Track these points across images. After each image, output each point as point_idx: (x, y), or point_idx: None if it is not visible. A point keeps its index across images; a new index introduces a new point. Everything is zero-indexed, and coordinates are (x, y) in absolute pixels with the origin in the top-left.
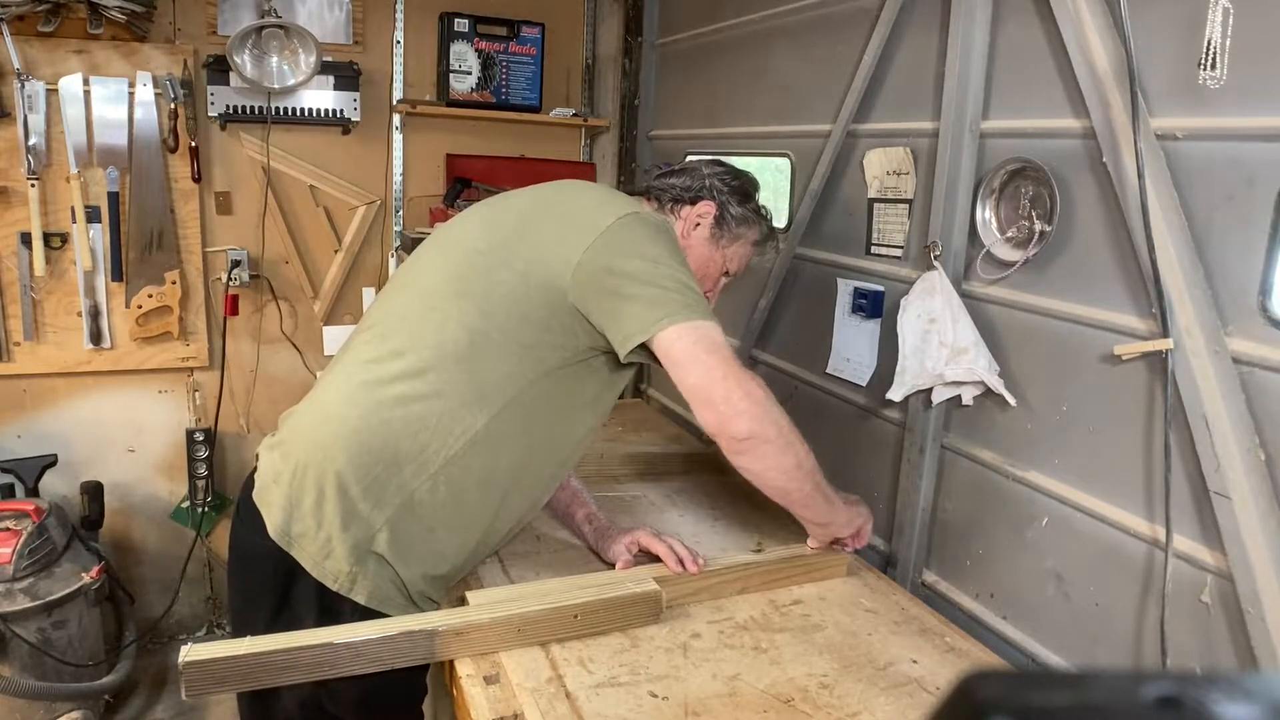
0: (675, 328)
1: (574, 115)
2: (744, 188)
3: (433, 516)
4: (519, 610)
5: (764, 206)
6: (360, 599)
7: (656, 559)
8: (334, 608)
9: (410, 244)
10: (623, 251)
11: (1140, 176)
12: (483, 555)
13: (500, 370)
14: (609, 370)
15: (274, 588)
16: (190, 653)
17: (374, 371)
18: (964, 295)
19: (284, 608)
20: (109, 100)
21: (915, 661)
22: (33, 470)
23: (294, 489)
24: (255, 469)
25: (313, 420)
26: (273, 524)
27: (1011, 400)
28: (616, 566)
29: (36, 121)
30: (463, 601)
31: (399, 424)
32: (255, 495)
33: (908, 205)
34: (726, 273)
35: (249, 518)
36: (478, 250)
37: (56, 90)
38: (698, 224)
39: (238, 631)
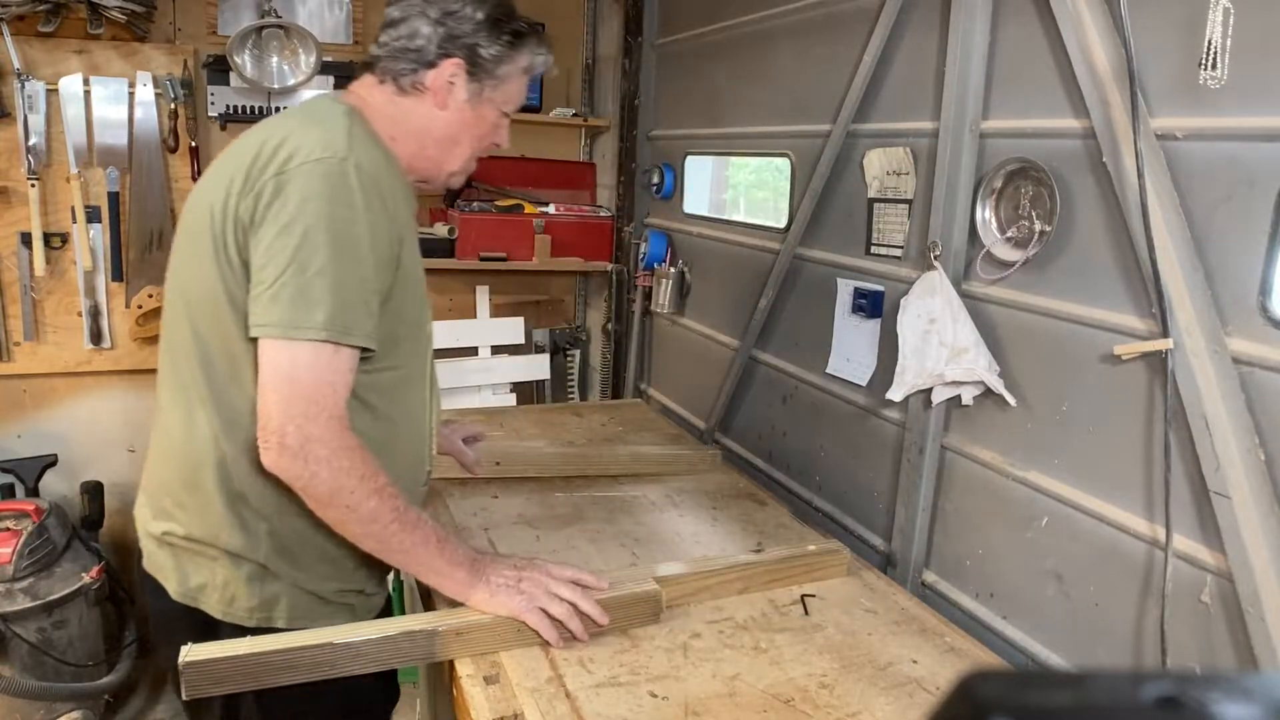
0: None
1: (574, 115)
2: (491, 15)
3: (304, 506)
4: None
5: (520, 21)
6: (281, 624)
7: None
8: None
9: None
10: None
11: (1140, 176)
12: None
13: None
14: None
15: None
16: (190, 653)
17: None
18: (964, 295)
19: None
20: (109, 100)
21: (915, 661)
22: (33, 470)
23: (175, 544)
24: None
25: (159, 460)
26: (172, 587)
27: (1011, 400)
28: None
29: (36, 121)
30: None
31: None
32: (146, 564)
33: (908, 205)
34: (506, 113)
35: (149, 584)
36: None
37: (56, 90)
38: (450, 87)
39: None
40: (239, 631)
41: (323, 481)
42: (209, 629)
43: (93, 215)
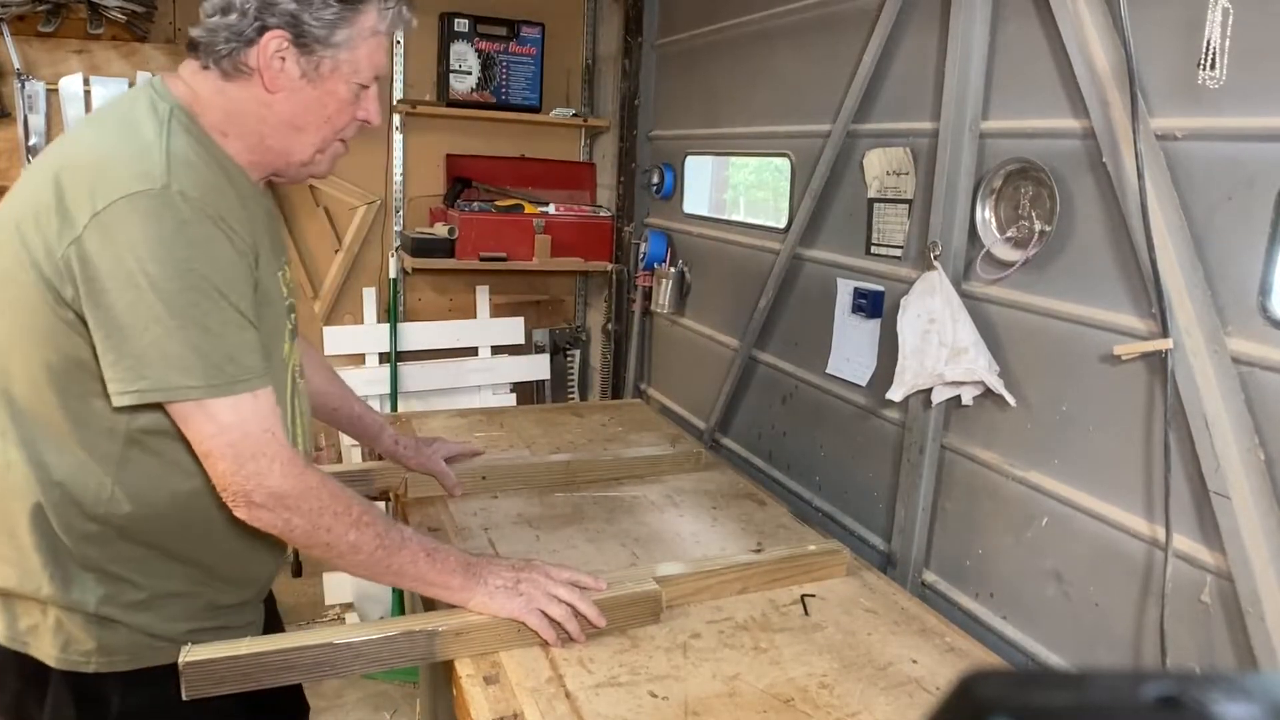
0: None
1: (574, 115)
2: None
3: (137, 533)
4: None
5: None
6: (124, 668)
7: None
8: (97, 692)
9: (410, 244)
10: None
11: (1140, 176)
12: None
13: None
14: None
15: (24, 694)
16: (190, 653)
17: None
18: (964, 295)
19: (41, 711)
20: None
21: (915, 661)
22: None
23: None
24: None
25: None
26: None
27: (1011, 400)
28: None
29: (37, 121)
30: None
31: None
32: None
33: (908, 205)
34: (365, 85)
35: None
36: None
37: (57, 90)
38: (279, 64)
39: None
40: (75, 679)
41: (298, 528)
42: (40, 677)
43: None
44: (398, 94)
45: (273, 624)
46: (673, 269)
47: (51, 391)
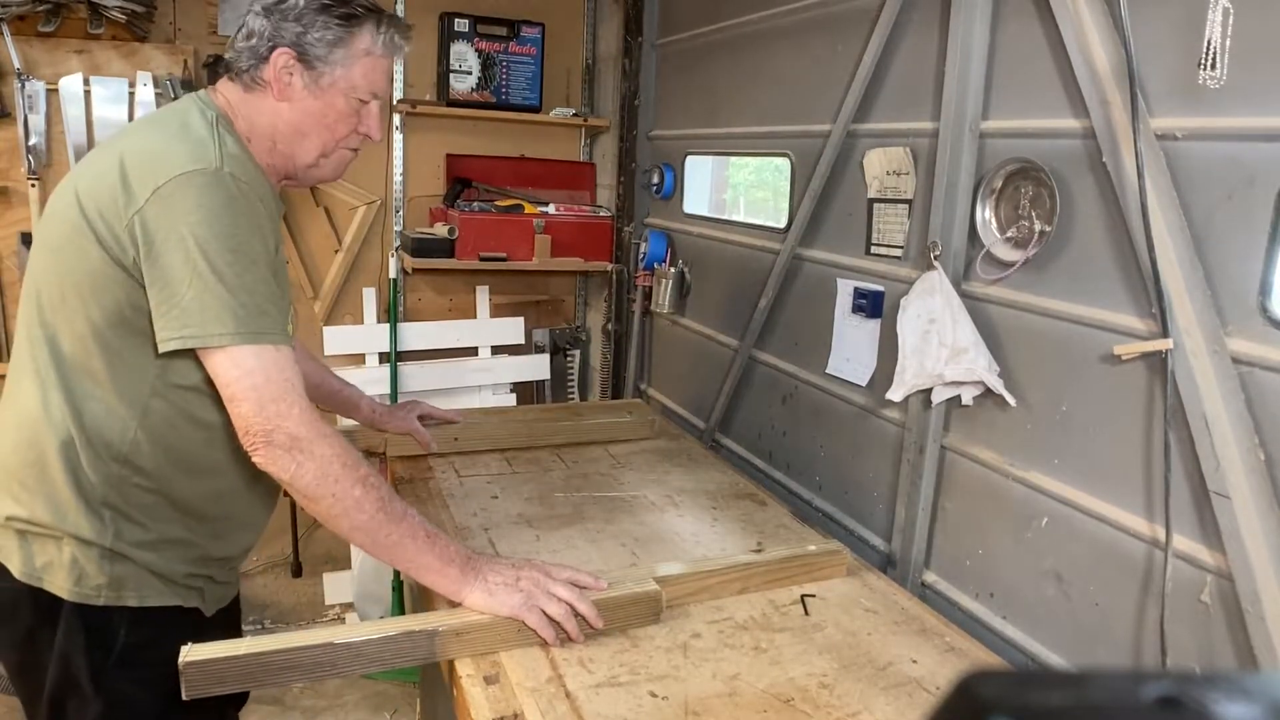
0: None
1: (574, 115)
2: (316, 1)
3: (151, 478)
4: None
5: (356, 3)
6: (132, 602)
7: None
8: (106, 624)
9: (410, 244)
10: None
11: (1140, 176)
12: (252, 505)
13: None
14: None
15: (36, 628)
16: (190, 652)
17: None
18: (964, 295)
19: (50, 644)
20: (109, 100)
21: (915, 661)
22: None
23: (19, 528)
24: None
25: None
26: (15, 566)
27: (1011, 400)
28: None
29: (37, 121)
30: None
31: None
32: None
33: (908, 205)
34: (364, 100)
35: None
36: None
37: (57, 90)
38: (286, 78)
39: (19, 687)
40: (86, 611)
41: (308, 471)
42: (52, 611)
43: None
44: (398, 94)
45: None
46: (673, 269)
47: (95, 343)
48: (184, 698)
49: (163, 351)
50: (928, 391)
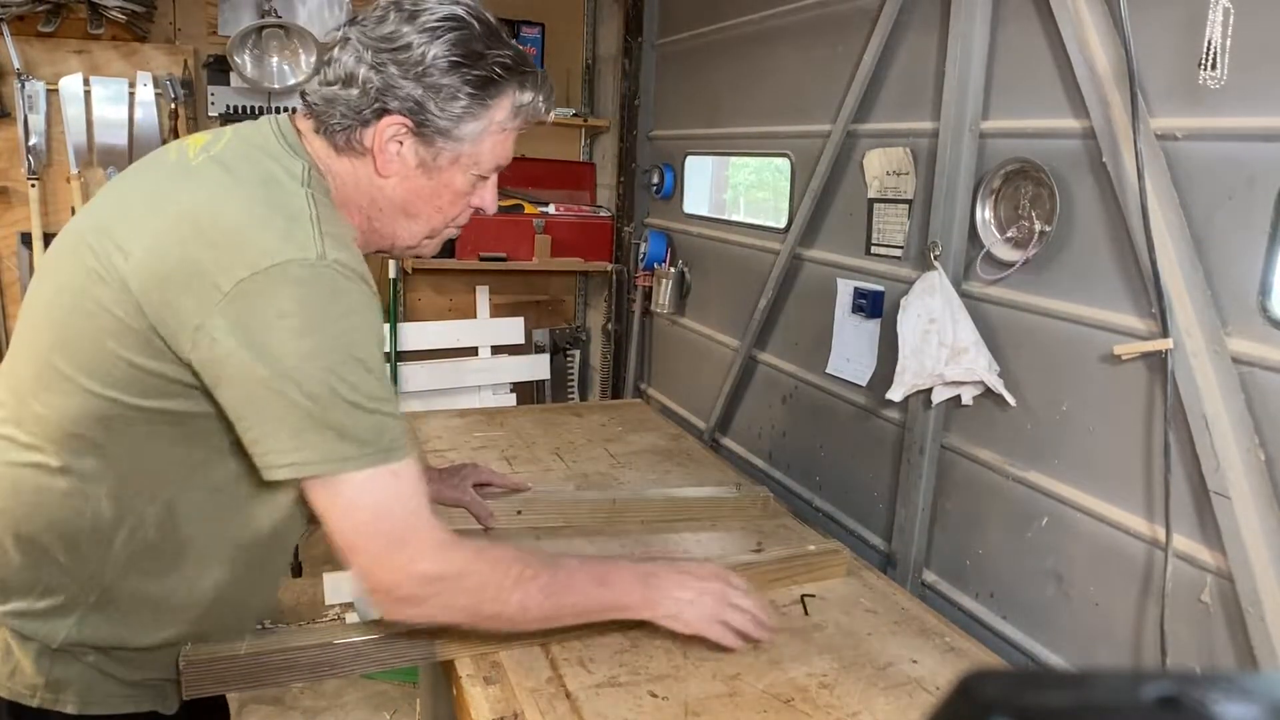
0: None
1: (574, 115)
2: (450, 55)
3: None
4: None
5: (497, 59)
6: (71, 709)
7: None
8: None
9: None
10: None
11: (1140, 176)
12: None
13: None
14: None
15: None
16: (190, 653)
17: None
18: (964, 295)
19: None
20: (109, 100)
21: (915, 661)
22: None
23: None
24: None
25: None
26: None
27: (1011, 400)
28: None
29: (37, 121)
30: None
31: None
32: None
33: (908, 205)
34: (484, 175)
35: None
36: None
37: (57, 90)
38: (395, 149)
39: None
40: (19, 709)
41: (461, 609)
42: None
43: None
44: None
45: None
46: (673, 269)
47: (93, 418)
48: (184, 697)
49: (269, 480)
50: (928, 391)
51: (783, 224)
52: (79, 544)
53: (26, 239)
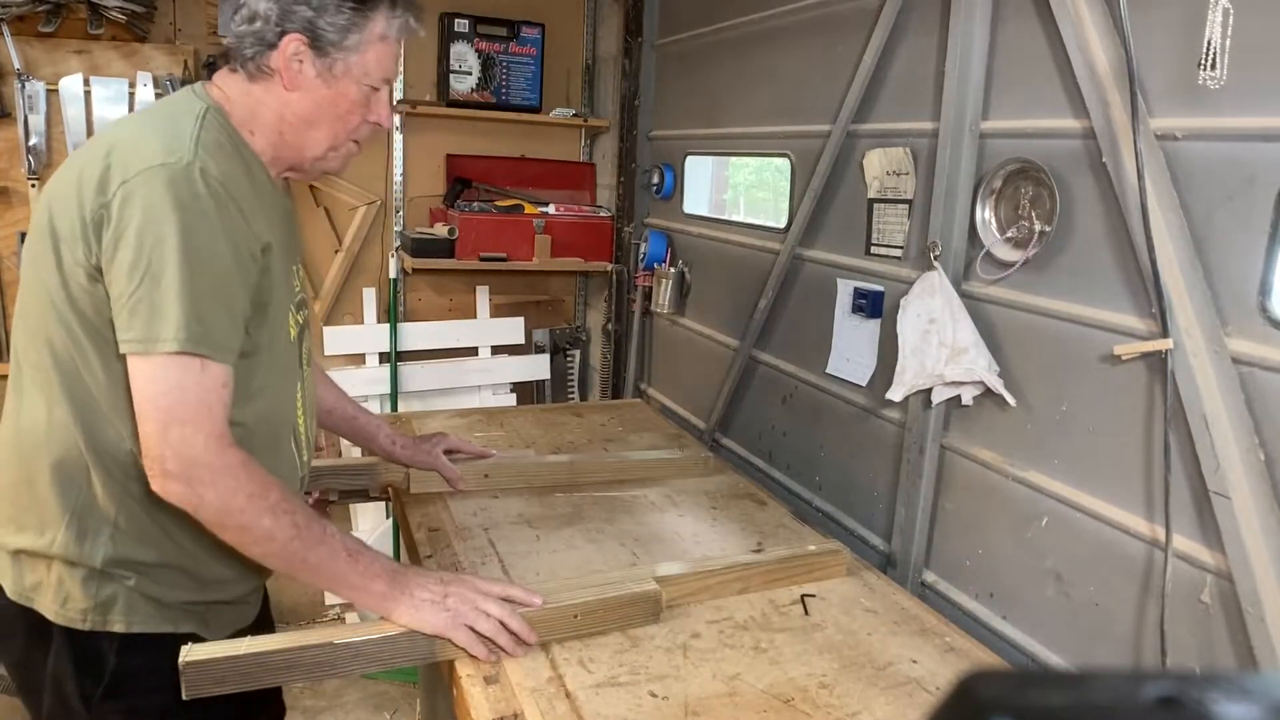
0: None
1: (574, 115)
2: None
3: (147, 496)
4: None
5: None
6: (118, 628)
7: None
8: (94, 650)
9: (410, 244)
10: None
11: (1140, 176)
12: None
13: None
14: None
15: (31, 649)
16: (190, 653)
17: None
18: (964, 295)
19: (44, 666)
20: (109, 100)
21: (915, 661)
22: None
23: (9, 549)
24: None
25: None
26: (7, 585)
27: (1011, 400)
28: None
29: (37, 122)
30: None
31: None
32: None
33: (908, 205)
34: (376, 87)
35: None
36: None
37: (57, 90)
38: (297, 65)
39: (25, 704)
40: (73, 636)
41: (210, 504)
42: (44, 633)
43: None
44: (398, 94)
45: (264, 621)
46: (673, 269)
47: (88, 351)
48: (184, 697)
49: (121, 354)
50: (928, 391)
51: (783, 224)
52: (89, 469)
53: (26, 239)
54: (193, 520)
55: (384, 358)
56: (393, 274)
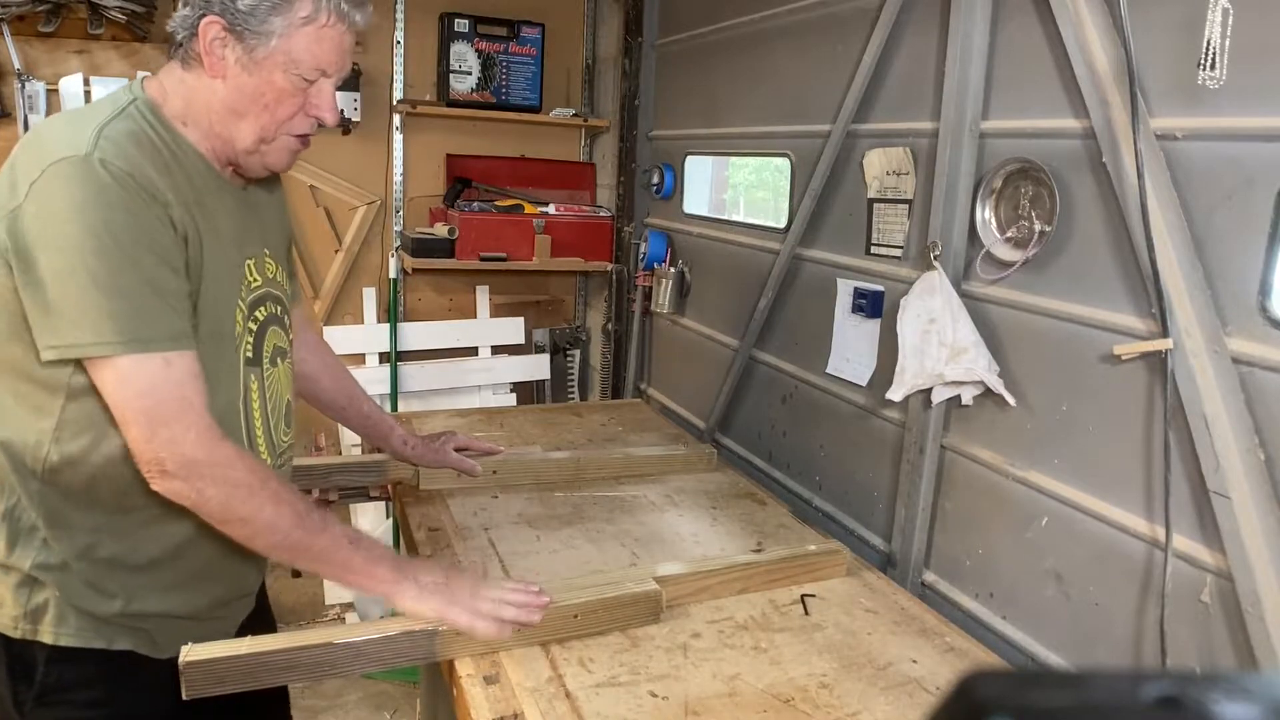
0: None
1: (574, 115)
2: None
3: (73, 495)
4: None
5: None
6: (46, 639)
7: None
8: (27, 657)
9: (410, 244)
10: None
11: (1140, 176)
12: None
13: None
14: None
15: None
16: (190, 653)
17: None
18: (964, 295)
19: None
20: None
21: (915, 661)
22: None
23: None
24: None
25: None
26: None
27: (1011, 400)
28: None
29: (37, 122)
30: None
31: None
32: None
33: (908, 205)
34: (309, 79)
35: None
36: None
37: (57, 90)
38: (220, 51)
39: None
40: (7, 641)
41: (211, 499)
42: None
43: None
44: (398, 94)
45: (265, 622)
46: (673, 269)
47: (17, 345)
48: (184, 697)
49: (45, 361)
50: (928, 391)
51: (783, 224)
52: (14, 468)
53: None
54: (119, 515)
55: (384, 358)
56: (393, 274)
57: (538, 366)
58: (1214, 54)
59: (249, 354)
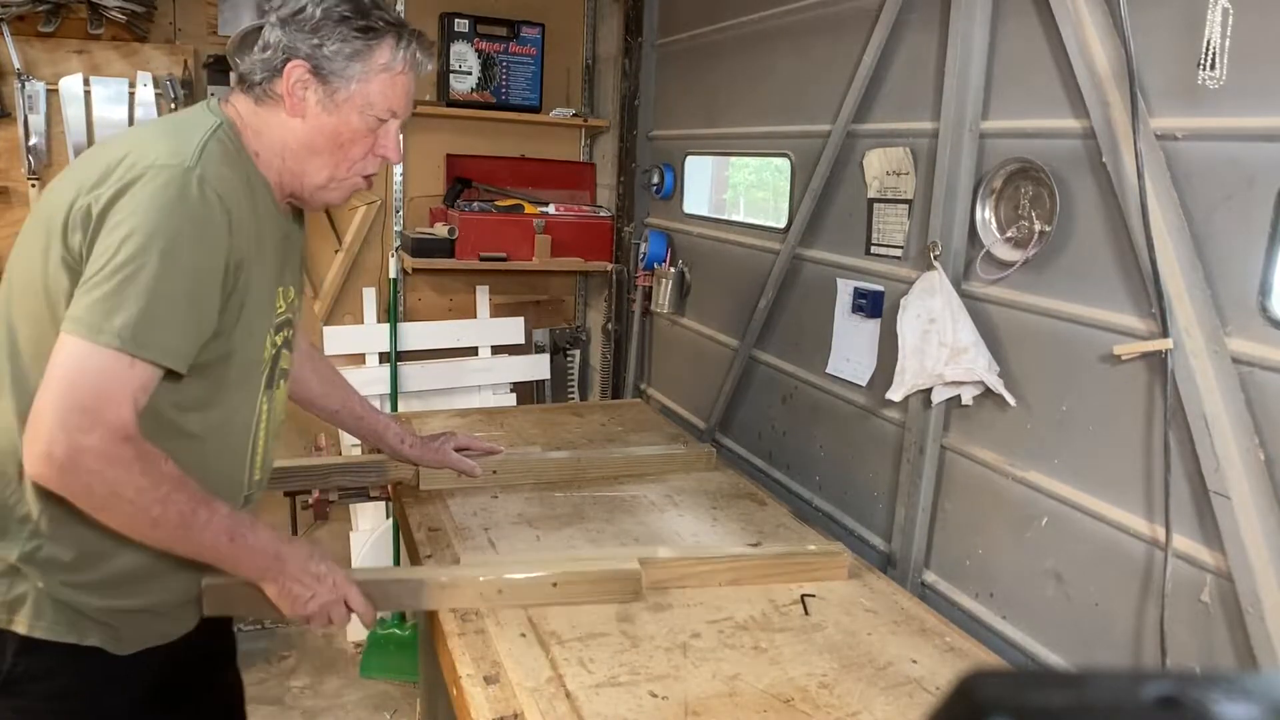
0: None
1: (574, 115)
2: (337, 12)
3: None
4: (503, 573)
5: (377, 16)
6: (20, 630)
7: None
8: None
9: (410, 244)
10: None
11: (1140, 176)
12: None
13: None
14: None
15: None
16: (210, 576)
17: None
18: (964, 295)
19: None
20: (109, 100)
21: (915, 661)
22: None
23: None
24: None
25: None
26: None
27: (1011, 400)
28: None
29: (37, 122)
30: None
31: None
32: None
33: (907, 205)
34: (382, 119)
35: None
36: None
37: (57, 90)
38: (301, 92)
39: None
40: None
41: (95, 494)
42: None
43: None
44: None
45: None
46: (673, 269)
47: (54, 340)
48: (204, 613)
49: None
50: (928, 391)
51: (783, 224)
52: (21, 465)
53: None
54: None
55: (384, 357)
56: (393, 274)
57: (538, 366)
58: (1214, 54)
59: (266, 378)
